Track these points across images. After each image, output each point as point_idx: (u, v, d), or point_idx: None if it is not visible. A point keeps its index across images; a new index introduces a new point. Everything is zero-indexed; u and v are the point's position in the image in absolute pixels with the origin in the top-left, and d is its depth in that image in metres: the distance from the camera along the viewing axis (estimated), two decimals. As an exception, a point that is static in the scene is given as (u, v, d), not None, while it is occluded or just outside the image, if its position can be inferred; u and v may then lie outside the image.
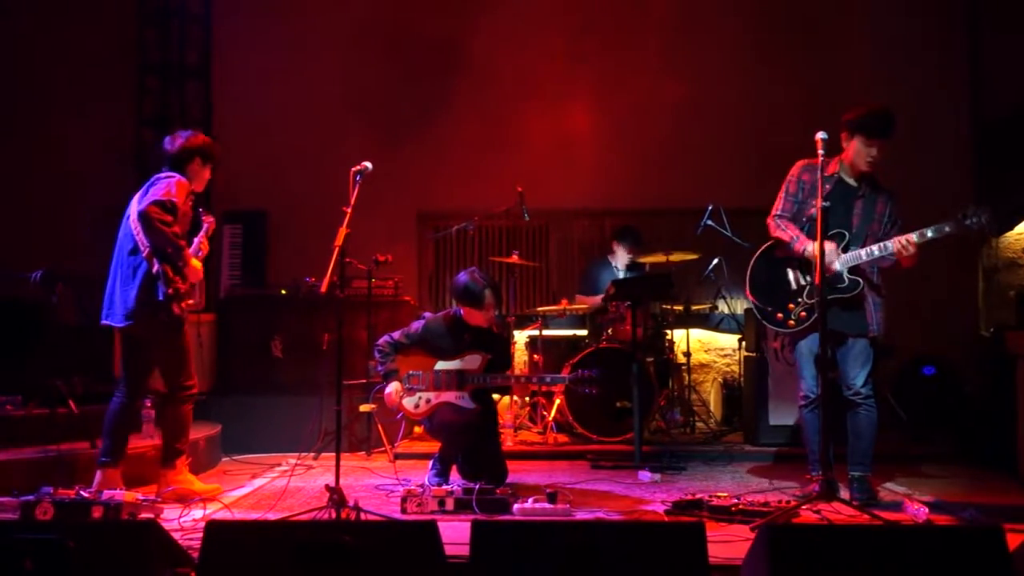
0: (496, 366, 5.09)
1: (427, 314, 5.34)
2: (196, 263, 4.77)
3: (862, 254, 4.51)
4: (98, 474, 4.65)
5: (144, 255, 4.63)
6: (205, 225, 4.97)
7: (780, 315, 4.74)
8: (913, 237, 4.35)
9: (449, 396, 5.00)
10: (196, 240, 4.89)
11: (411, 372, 5.06)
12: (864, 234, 4.61)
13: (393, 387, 5.03)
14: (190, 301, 4.79)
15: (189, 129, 5.08)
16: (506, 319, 7.08)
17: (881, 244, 4.46)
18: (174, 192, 4.66)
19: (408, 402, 5.04)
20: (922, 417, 6.94)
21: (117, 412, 4.75)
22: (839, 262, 4.54)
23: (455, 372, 5.03)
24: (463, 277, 5.09)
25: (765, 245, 4.91)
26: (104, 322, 4.77)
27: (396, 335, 5.17)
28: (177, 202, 4.66)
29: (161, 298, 4.60)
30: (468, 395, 4.99)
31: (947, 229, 4.29)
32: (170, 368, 4.84)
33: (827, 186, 4.54)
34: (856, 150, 4.60)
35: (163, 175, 4.76)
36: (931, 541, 2.97)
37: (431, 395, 5.03)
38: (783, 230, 4.77)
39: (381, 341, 5.17)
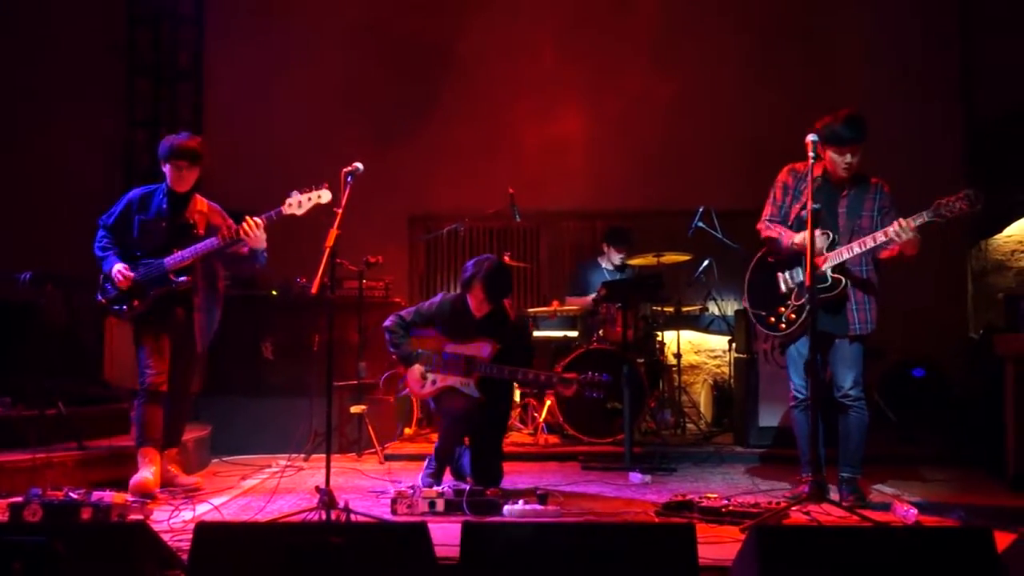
0: (508, 358, 4.90)
1: (443, 294, 5.20)
2: (117, 267, 4.87)
3: (844, 252, 4.51)
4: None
5: None
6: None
7: (772, 319, 4.76)
8: (911, 221, 4.31)
9: (455, 380, 4.87)
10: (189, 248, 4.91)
11: (420, 351, 4.95)
12: (851, 232, 4.60)
13: (417, 370, 4.93)
14: (125, 307, 4.92)
15: (180, 131, 5.16)
16: (523, 318, 7.03)
17: (872, 236, 4.45)
18: (110, 209, 5.07)
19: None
20: (911, 419, 6.97)
21: None
22: (825, 262, 4.55)
23: (463, 357, 4.89)
24: (470, 261, 4.96)
25: (759, 254, 4.92)
26: None
27: (405, 314, 5.05)
28: (111, 218, 5.04)
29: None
30: (474, 383, 4.85)
31: (923, 218, 4.28)
32: None
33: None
34: (831, 159, 4.59)
35: None
36: (920, 542, 2.98)
37: (438, 376, 4.91)
38: (770, 229, 4.80)
39: (389, 322, 5.02)
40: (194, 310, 5.05)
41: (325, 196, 4.70)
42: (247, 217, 4.87)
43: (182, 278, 4.93)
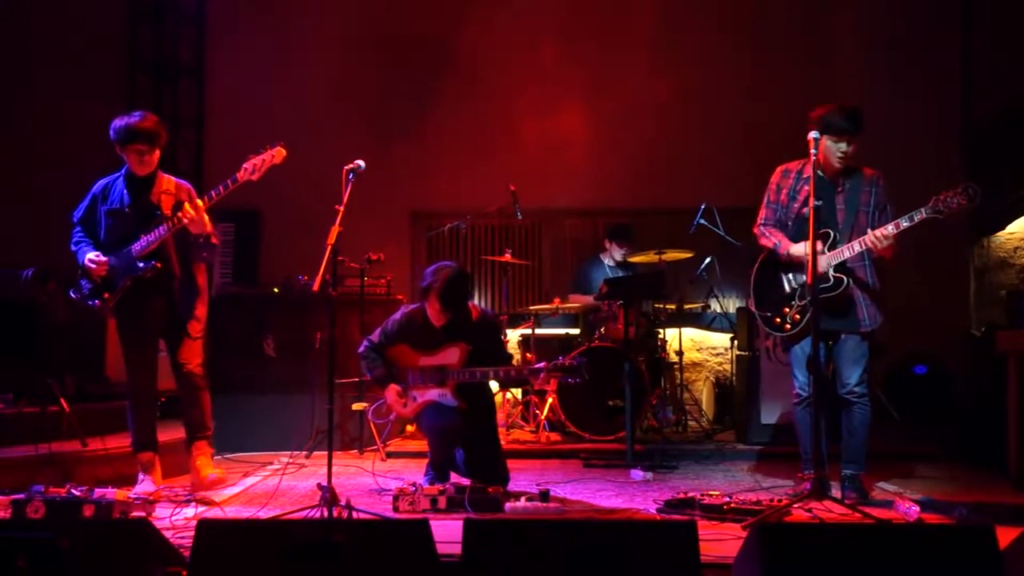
0: (480, 357, 4.76)
1: (404, 307, 5.08)
2: (89, 256, 4.75)
3: (844, 251, 4.51)
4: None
5: None
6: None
7: (777, 319, 4.74)
8: (888, 229, 4.34)
9: (432, 394, 4.76)
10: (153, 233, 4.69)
11: (394, 370, 4.87)
12: (851, 228, 4.60)
13: (394, 390, 4.84)
14: (98, 301, 4.77)
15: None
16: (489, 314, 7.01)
17: (859, 240, 4.47)
18: (79, 205, 4.94)
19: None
20: (913, 416, 6.96)
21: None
22: (824, 260, 4.54)
23: (435, 368, 4.77)
24: (429, 268, 4.79)
25: (763, 255, 4.90)
26: None
27: (374, 336, 4.96)
28: (79, 213, 4.92)
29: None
30: (451, 392, 4.72)
31: (923, 215, 4.28)
32: None
33: (806, 187, 4.56)
34: (825, 148, 4.56)
35: None
36: (922, 540, 2.98)
37: (417, 392, 4.82)
38: (767, 237, 4.79)
39: (362, 348, 4.96)
40: (170, 295, 4.82)
41: (279, 155, 4.64)
42: (186, 202, 4.70)
43: (148, 264, 4.68)
